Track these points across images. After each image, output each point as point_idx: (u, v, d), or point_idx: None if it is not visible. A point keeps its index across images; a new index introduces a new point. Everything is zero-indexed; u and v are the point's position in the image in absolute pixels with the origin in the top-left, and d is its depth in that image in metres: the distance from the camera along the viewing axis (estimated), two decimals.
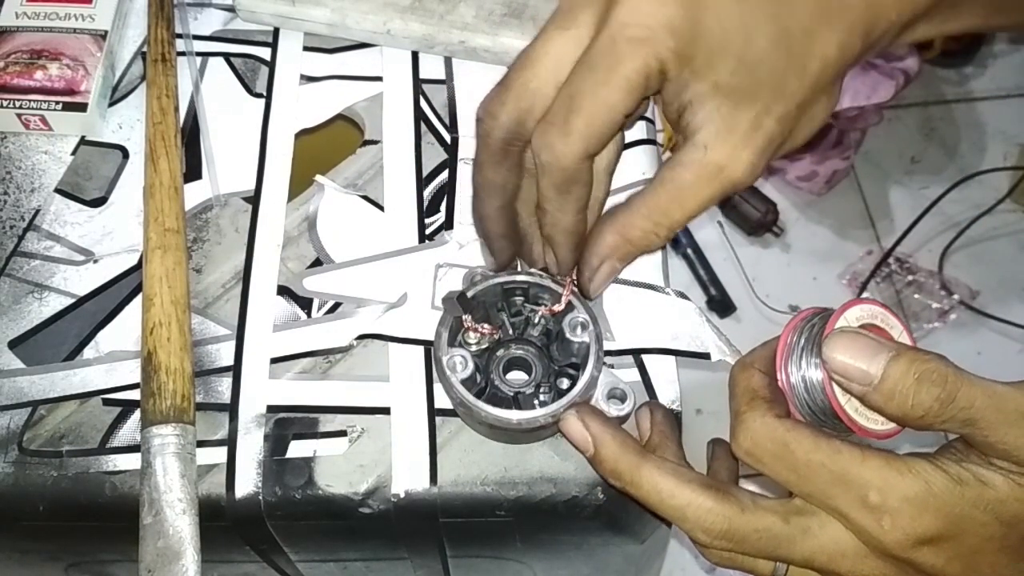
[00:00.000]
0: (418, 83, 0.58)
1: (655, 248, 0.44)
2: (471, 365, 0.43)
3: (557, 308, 0.45)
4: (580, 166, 0.41)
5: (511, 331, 0.46)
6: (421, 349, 0.48)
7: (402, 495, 0.45)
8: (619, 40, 0.38)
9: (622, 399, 0.44)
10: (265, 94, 0.58)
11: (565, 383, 0.45)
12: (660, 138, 0.59)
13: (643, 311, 0.49)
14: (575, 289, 0.46)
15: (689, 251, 1.43)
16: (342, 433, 0.46)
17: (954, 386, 0.34)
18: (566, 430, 0.42)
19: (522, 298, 0.47)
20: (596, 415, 0.41)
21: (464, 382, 0.43)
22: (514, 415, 0.42)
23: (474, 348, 0.45)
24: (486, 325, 0.45)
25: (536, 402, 0.45)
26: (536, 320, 0.46)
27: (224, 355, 0.49)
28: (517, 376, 0.46)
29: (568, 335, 0.44)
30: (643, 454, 0.39)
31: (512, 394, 0.45)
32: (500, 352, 0.46)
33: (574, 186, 0.42)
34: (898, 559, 0.35)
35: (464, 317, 0.44)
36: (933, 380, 0.34)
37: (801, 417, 0.38)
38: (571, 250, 0.44)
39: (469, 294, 0.44)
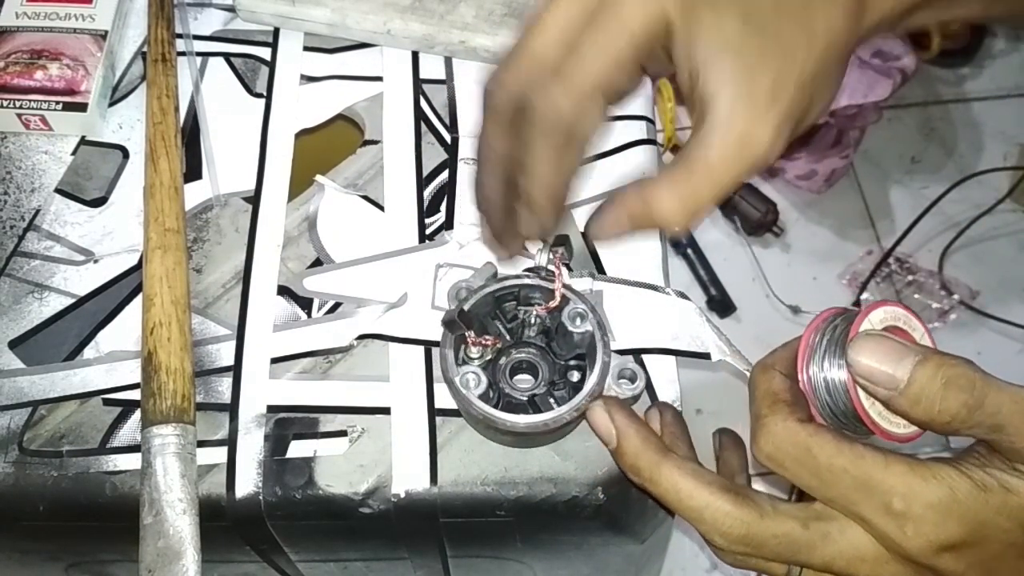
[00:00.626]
0: (418, 83, 0.58)
1: (673, 229, 0.40)
2: (484, 379, 0.43)
3: (552, 304, 0.45)
4: (579, 119, 0.38)
5: (509, 337, 0.46)
6: (421, 349, 0.48)
7: (402, 495, 0.45)
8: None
9: (632, 379, 0.44)
10: (265, 94, 0.58)
11: (575, 376, 0.45)
12: (660, 138, 0.59)
13: (643, 311, 0.49)
14: (566, 282, 0.45)
15: (689, 251, 1.43)
16: (342, 433, 0.46)
17: (982, 392, 0.33)
18: (592, 421, 0.42)
19: (514, 302, 0.47)
20: (622, 408, 0.41)
21: (480, 398, 0.43)
22: (541, 417, 0.42)
23: (477, 362, 0.45)
24: (487, 336, 0.45)
25: (552, 400, 0.45)
26: (532, 321, 0.46)
27: (224, 355, 0.49)
28: (524, 379, 0.46)
29: (569, 327, 0.44)
30: (664, 452, 0.39)
31: (526, 398, 0.45)
32: (503, 360, 0.46)
33: (569, 144, 0.39)
34: (920, 565, 0.35)
35: (467, 333, 0.44)
36: (960, 385, 0.33)
37: (822, 419, 0.38)
38: (552, 215, 0.41)
39: (465, 308, 0.44)
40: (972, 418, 0.33)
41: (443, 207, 0.53)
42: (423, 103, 0.57)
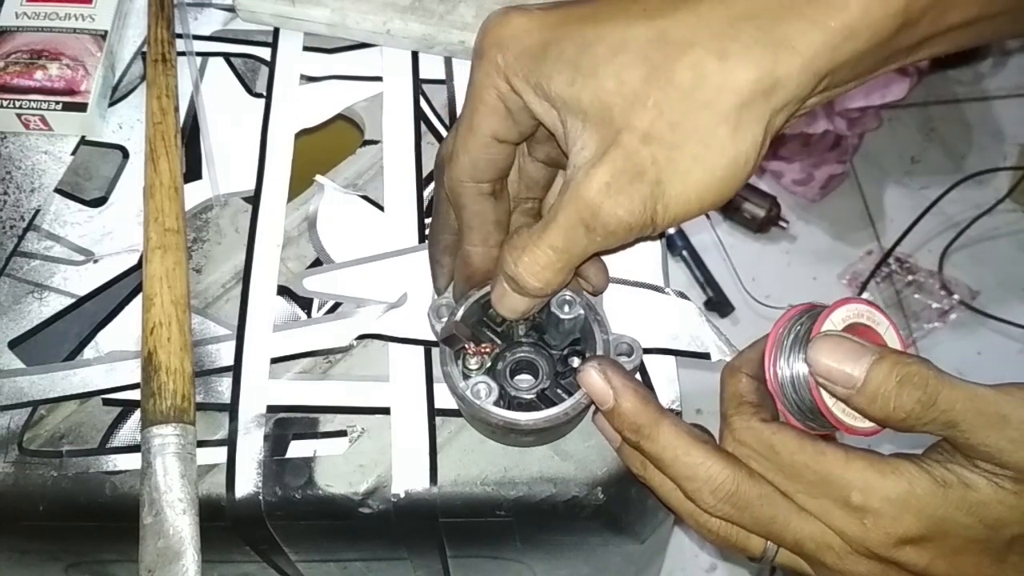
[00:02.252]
0: (418, 83, 0.58)
1: (533, 293, 0.41)
2: (495, 387, 0.43)
3: None
4: (462, 189, 0.42)
5: (501, 341, 0.46)
6: (421, 349, 0.48)
7: (402, 495, 0.45)
8: (473, 65, 0.40)
9: (629, 353, 0.44)
10: (265, 94, 0.58)
11: (576, 361, 0.45)
12: None
13: (643, 311, 0.50)
14: None
15: (684, 253, 1.43)
16: (342, 433, 0.46)
17: (935, 389, 0.34)
18: (586, 383, 0.41)
19: None
20: (617, 368, 0.41)
21: (495, 404, 0.43)
22: (561, 408, 0.42)
23: (477, 371, 0.45)
24: (484, 345, 0.45)
25: (560, 391, 0.45)
26: (520, 319, 0.46)
27: (224, 355, 0.49)
28: (525, 378, 0.46)
29: (560, 315, 0.44)
30: (662, 410, 0.39)
31: (534, 395, 0.45)
32: (500, 365, 0.46)
33: (462, 212, 0.43)
34: (881, 558, 0.36)
35: (467, 344, 0.44)
36: (914, 383, 0.34)
37: (789, 414, 0.38)
38: (462, 280, 0.45)
39: (457, 317, 0.44)
40: (926, 415, 0.34)
41: None
42: (423, 103, 0.57)
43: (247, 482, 0.45)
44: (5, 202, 0.54)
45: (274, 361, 0.48)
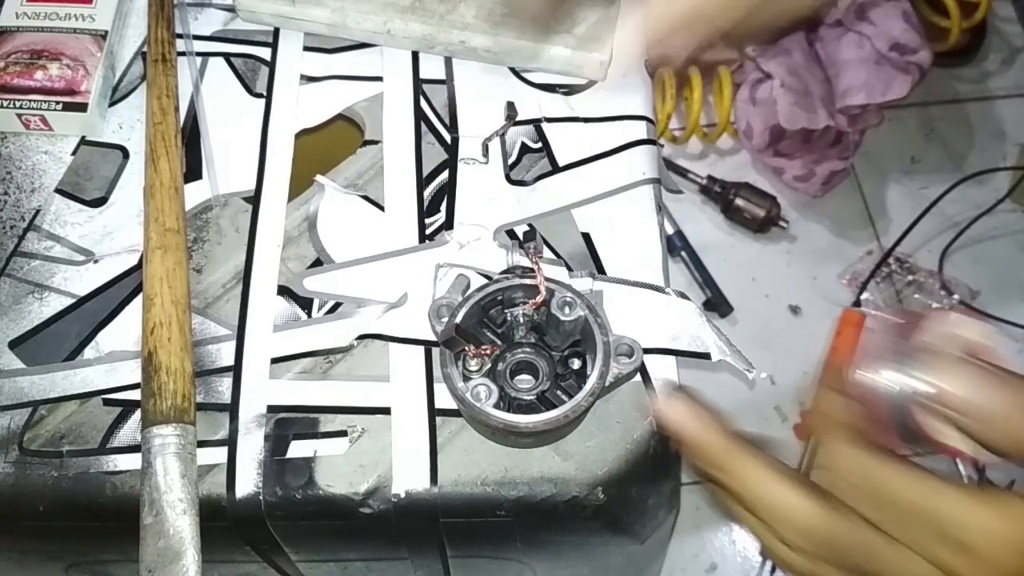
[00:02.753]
0: (418, 83, 0.58)
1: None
2: (494, 389, 0.43)
3: (540, 299, 0.45)
4: None
5: (501, 342, 0.46)
6: (421, 349, 0.48)
7: (402, 495, 0.45)
8: None
9: (630, 354, 0.44)
10: (265, 94, 0.58)
11: (576, 363, 0.45)
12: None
13: (643, 311, 0.50)
14: (546, 275, 0.45)
15: (684, 254, 1.43)
16: (342, 433, 0.46)
17: None
18: (665, 415, 0.39)
19: (499, 307, 0.47)
20: (693, 399, 0.39)
21: (494, 407, 0.43)
22: (561, 411, 0.42)
23: (477, 373, 0.45)
24: (484, 347, 0.45)
25: (560, 392, 0.45)
26: (520, 321, 0.46)
27: (224, 355, 0.49)
28: (525, 379, 0.46)
29: (561, 317, 0.44)
30: (741, 443, 0.37)
31: (534, 396, 0.45)
32: (500, 366, 0.46)
33: None
34: None
35: (467, 347, 0.44)
36: None
37: (882, 431, 0.36)
38: None
39: (458, 319, 0.44)
40: None
41: (443, 207, 0.53)
42: (423, 103, 0.57)
43: (247, 482, 0.45)
44: (5, 202, 0.54)
45: (274, 361, 0.48)
